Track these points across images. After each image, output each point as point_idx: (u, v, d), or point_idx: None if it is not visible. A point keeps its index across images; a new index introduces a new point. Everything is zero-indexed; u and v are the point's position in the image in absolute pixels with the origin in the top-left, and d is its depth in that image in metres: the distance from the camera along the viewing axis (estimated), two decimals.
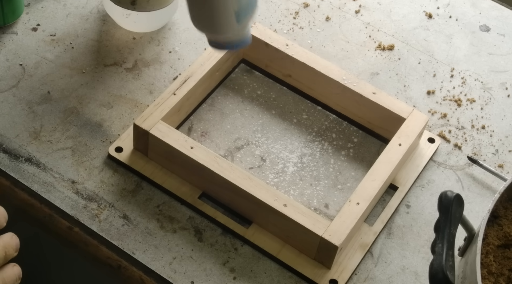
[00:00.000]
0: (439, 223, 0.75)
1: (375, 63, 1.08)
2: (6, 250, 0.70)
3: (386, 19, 1.13)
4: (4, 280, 0.70)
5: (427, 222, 0.93)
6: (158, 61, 1.04)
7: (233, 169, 0.88)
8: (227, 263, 0.88)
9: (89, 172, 0.93)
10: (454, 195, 0.76)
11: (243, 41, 0.85)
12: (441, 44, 1.12)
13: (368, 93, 0.97)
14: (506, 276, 0.77)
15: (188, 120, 0.98)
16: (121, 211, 0.90)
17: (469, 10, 1.16)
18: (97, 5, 1.08)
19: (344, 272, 0.87)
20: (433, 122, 1.02)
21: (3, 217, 0.70)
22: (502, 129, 1.03)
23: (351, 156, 0.97)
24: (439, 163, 0.99)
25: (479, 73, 1.09)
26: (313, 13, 1.13)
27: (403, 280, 0.88)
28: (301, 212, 0.86)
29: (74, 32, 1.05)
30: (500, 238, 0.79)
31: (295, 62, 0.99)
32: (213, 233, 0.90)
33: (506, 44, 1.13)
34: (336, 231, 0.85)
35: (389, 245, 0.91)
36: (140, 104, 0.99)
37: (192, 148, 0.89)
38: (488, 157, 1.00)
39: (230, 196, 0.89)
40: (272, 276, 0.87)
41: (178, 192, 0.91)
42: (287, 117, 1.00)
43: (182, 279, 0.86)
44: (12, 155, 0.93)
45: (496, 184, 0.97)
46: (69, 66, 1.02)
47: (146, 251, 0.87)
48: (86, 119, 0.97)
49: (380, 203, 0.94)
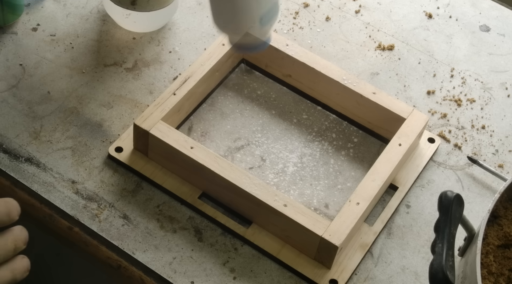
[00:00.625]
0: (439, 223, 0.75)
1: (375, 63, 1.08)
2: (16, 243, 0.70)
3: (386, 19, 1.13)
4: (14, 271, 0.71)
5: (427, 222, 0.93)
6: (158, 61, 1.04)
7: (233, 169, 0.88)
8: (227, 263, 0.87)
9: (89, 172, 0.93)
10: (454, 195, 0.76)
11: (264, 43, 0.89)
12: (441, 44, 1.12)
13: (368, 93, 0.97)
14: (506, 276, 0.77)
15: (188, 120, 0.98)
16: (121, 211, 0.90)
17: (469, 10, 1.16)
18: (97, 5, 1.08)
19: (344, 272, 0.87)
20: (433, 122, 1.02)
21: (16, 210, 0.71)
22: (502, 129, 1.03)
23: (351, 156, 0.97)
24: (439, 163, 0.99)
25: (479, 73, 1.09)
26: (313, 13, 1.13)
27: (403, 280, 0.88)
28: (301, 212, 0.86)
29: (74, 32, 1.05)
30: (500, 238, 0.79)
31: (295, 62, 0.99)
32: (213, 233, 0.89)
33: (506, 44, 1.13)
34: (336, 231, 0.85)
35: (389, 245, 0.91)
36: (140, 104, 0.99)
37: (192, 148, 0.89)
38: (488, 157, 1.00)
39: (230, 196, 0.89)
40: (272, 276, 0.87)
41: (178, 192, 0.91)
42: (287, 117, 1.00)
43: (182, 279, 0.86)
44: (12, 155, 0.93)
45: (496, 184, 0.97)
46: (69, 66, 1.02)
47: (146, 251, 0.87)
48: (86, 119, 0.97)
49: (380, 203, 0.94)
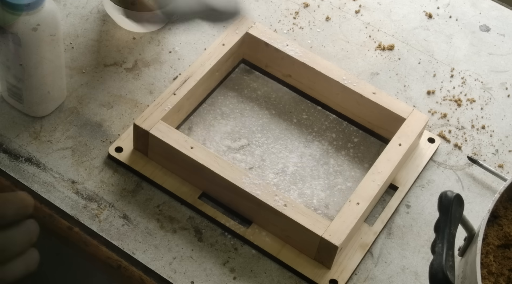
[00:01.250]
0: (439, 223, 0.75)
1: (375, 63, 1.08)
2: (30, 236, 0.71)
3: (386, 19, 1.13)
4: (28, 264, 0.71)
5: (427, 222, 0.93)
6: (158, 61, 1.04)
7: (233, 169, 0.88)
8: (227, 263, 0.87)
9: (89, 172, 0.93)
10: (454, 195, 0.76)
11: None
12: (441, 44, 1.12)
13: (368, 93, 0.97)
14: (506, 276, 0.77)
15: (188, 120, 0.98)
16: (121, 211, 0.90)
17: (469, 10, 1.16)
18: (97, 5, 1.08)
19: (344, 272, 0.87)
20: (433, 122, 1.02)
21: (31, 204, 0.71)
22: (502, 129, 1.03)
23: (351, 156, 0.97)
24: (439, 163, 0.99)
25: (479, 73, 1.09)
26: (313, 13, 1.13)
27: (403, 280, 0.88)
28: (301, 212, 0.86)
29: (74, 32, 1.05)
30: (500, 238, 0.79)
31: (295, 62, 0.99)
32: (213, 233, 0.89)
33: (506, 44, 1.13)
34: (336, 231, 0.85)
35: (389, 245, 0.91)
36: (140, 104, 0.99)
37: (192, 148, 0.89)
38: (488, 157, 1.00)
39: (230, 196, 0.89)
40: (272, 276, 0.87)
41: (178, 192, 0.91)
42: (287, 117, 1.00)
43: (182, 279, 0.86)
44: (12, 155, 0.93)
45: (496, 184, 0.97)
46: (69, 66, 1.02)
47: (146, 251, 0.87)
48: (86, 119, 0.97)
49: (380, 203, 0.94)
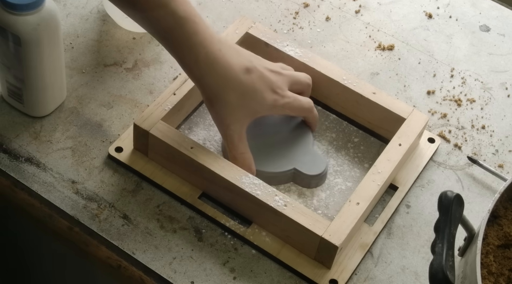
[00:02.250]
0: (439, 223, 0.75)
1: (375, 63, 1.08)
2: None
3: (386, 19, 1.13)
4: None
5: (427, 222, 0.93)
6: (158, 61, 1.04)
7: (233, 169, 0.88)
8: (227, 263, 0.87)
9: (89, 172, 0.93)
10: (454, 195, 0.76)
11: None
12: (441, 44, 1.12)
13: (368, 93, 0.97)
14: (506, 276, 0.77)
15: (188, 120, 0.98)
16: (121, 211, 0.90)
17: (469, 10, 1.16)
18: (97, 5, 1.08)
19: (344, 272, 0.87)
20: (433, 122, 1.02)
21: None
22: (502, 129, 1.03)
23: (351, 155, 0.97)
24: (439, 163, 0.99)
25: (479, 73, 1.09)
26: (313, 13, 1.13)
27: (403, 280, 0.88)
28: (301, 212, 0.86)
29: (74, 32, 1.05)
30: (500, 238, 0.79)
31: (295, 62, 0.99)
32: (213, 233, 0.89)
33: (506, 44, 1.13)
34: (336, 231, 0.85)
35: (389, 245, 0.91)
36: (140, 104, 0.99)
37: (192, 148, 0.89)
38: (488, 157, 1.00)
39: (230, 196, 0.89)
40: (272, 276, 0.87)
41: (178, 192, 0.91)
42: None
43: (182, 279, 0.86)
44: (12, 155, 0.93)
45: (496, 184, 0.97)
46: (69, 66, 1.02)
47: (146, 251, 0.87)
48: (86, 119, 0.97)
49: (380, 203, 0.94)
